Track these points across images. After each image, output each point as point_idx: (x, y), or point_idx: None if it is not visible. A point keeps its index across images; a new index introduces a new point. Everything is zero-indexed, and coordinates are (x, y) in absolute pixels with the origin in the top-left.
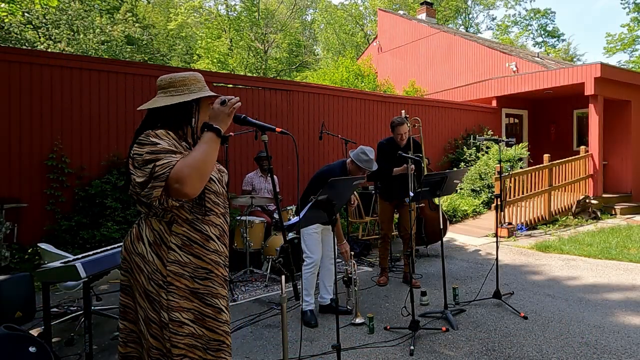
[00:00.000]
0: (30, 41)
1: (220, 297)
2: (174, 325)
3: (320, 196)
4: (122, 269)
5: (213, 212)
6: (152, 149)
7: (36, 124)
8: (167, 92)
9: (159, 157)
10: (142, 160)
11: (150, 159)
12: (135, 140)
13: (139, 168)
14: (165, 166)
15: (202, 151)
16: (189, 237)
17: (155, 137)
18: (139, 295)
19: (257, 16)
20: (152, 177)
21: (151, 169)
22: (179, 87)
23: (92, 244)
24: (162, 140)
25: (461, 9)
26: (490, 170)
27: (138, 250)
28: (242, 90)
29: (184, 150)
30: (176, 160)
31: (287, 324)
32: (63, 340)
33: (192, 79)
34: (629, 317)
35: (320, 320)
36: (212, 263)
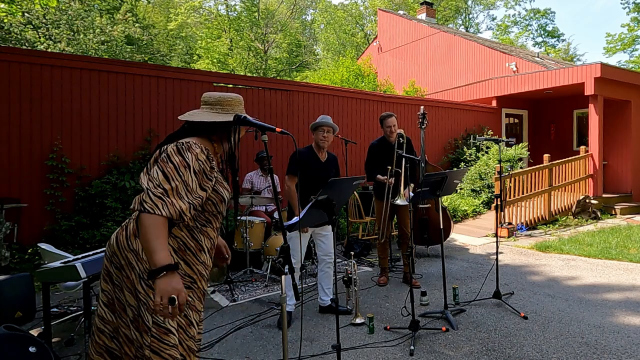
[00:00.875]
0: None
1: (195, 310)
2: (158, 331)
3: (320, 196)
4: (113, 265)
5: (211, 225)
6: (174, 174)
7: (36, 124)
8: (214, 108)
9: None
10: (163, 175)
11: (166, 187)
12: (173, 143)
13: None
14: (166, 205)
15: (147, 242)
16: (185, 243)
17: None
18: (129, 292)
19: (257, 16)
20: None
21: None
22: (225, 106)
23: (92, 244)
24: (191, 165)
25: (461, 9)
26: (490, 170)
27: (133, 246)
28: (242, 90)
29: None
30: (170, 208)
31: (287, 324)
32: (63, 340)
33: (238, 101)
34: (629, 317)
35: (320, 320)
36: (198, 274)
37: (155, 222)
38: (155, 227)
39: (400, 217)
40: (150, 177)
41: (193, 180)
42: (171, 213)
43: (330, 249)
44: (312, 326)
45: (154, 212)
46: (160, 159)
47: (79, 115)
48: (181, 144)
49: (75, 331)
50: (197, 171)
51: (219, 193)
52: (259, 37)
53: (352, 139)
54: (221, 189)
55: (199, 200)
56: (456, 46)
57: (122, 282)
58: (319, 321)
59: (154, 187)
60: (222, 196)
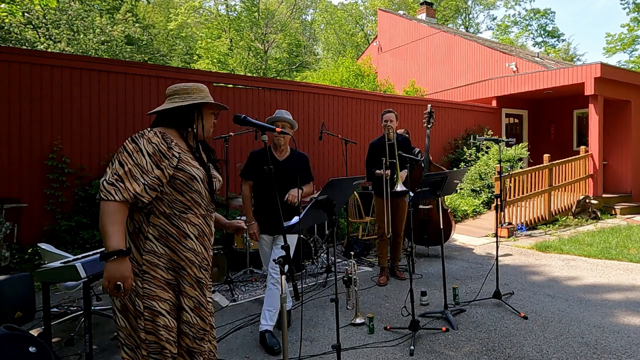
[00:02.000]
0: (30, 41)
1: (188, 297)
2: (149, 313)
3: (320, 196)
4: None
5: (192, 212)
6: (126, 159)
7: (36, 124)
8: (172, 98)
9: (123, 177)
10: (118, 163)
11: (120, 174)
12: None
13: (114, 167)
14: (119, 190)
15: (103, 226)
16: (165, 230)
17: (140, 143)
18: None
19: (257, 16)
20: (110, 183)
21: (116, 179)
22: (182, 95)
23: (92, 244)
24: (144, 149)
25: (461, 9)
26: (490, 170)
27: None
28: (242, 90)
29: (165, 156)
30: (123, 193)
31: (287, 324)
32: (63, 340)
33: (194, 88)
34: (629, 317)
35: (320, 320)
36: (186, 260)
37: (109, 208)
38: (109, 213)
39: (396, 215)
40: (109, 167)
41: (147, 162)
42: (125, 197)
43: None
44: (312, 326)
45: (108, 198)
46: (118, 150)
47: (79, 115)
48: (136, 134)
49: (75, 331)
50: (151, 153)
51: (185, 171)
52: (259, 37)
53: (352, 139)
54: (188, 167)
55: (155, 180)
56: (456, 46)
57: None
58: (319, 321)
59: (110, 175)
60: (190, 174)
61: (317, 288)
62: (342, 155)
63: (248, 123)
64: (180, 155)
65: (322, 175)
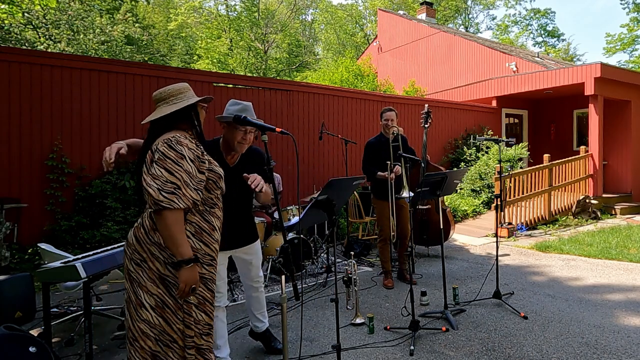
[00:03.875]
0: (30, 41)
1: (214, 282)
2: (188, 307)
3: (320, 196)
4: (133, 262)
5: (217, 206)
6: (176, 168)
7: (36, 124)
8: (169, 101)
9: (179, 185)
10: (166, 172)
11: (175, 182)
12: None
13: (161, 174)
14: (180, 198)
15: (172, 236)
16: (200, 226)
17: (181, 150)
18: (152, 283)
19: (257, 16)
20: (169, 193)
21: (174, 187)
22: (177, 96)
23: (92, 244)
24: (186, 155)
25: (461, 9)
26: (490, 170)
27: (155, 239)
28: (242, 90)
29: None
30: (184, 200)
31: (287, 324)
32: (63, 340)
33: (185, 87)
34: (629, 318)
35: (320, 320)
36: (215, 251)
37: (175, 216)
38: (176, 221)
39: (400, 217)
40: (155, 176)
41: (192, 168)
42: (186, 204)
43: (258, 273)
44: (312, 326)
45: (172, 206)
46: (157, 158)
47: (79, 115)
48: (169, 139)
49: (75, 331)
50: (192, 159)
51: (214, 171)
52: (259, 37)
53: (352, 139)
54: (216, 167)
55: (202, 184)
56: (456, 46)
57: (141, 276)
58: (319, 321)
59: (163, 184)
60: (218, 173)
61: (317, 288)
62: (342, 155)
63: (248, 123)
64: (208, 157)
65: (322, 175)
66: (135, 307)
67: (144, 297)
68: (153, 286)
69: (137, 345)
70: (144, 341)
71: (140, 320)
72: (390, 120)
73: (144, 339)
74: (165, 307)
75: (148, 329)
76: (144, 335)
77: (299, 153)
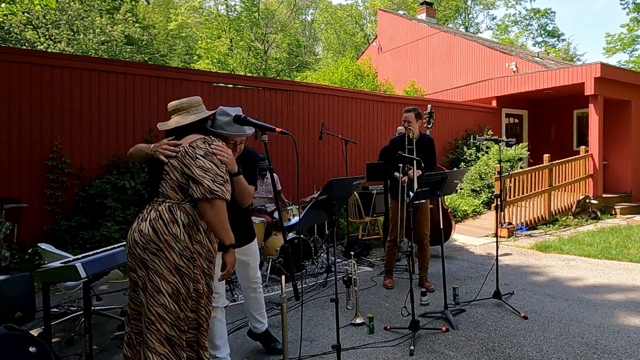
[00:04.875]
0: (30, 41)
1: (212, 279)
2: (197, 295)
3: (320, 196)
4: (148, 251)
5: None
6: (220, 165)
7: (36, 124)
8: (190, 111)
9: (225, 180)
10: (215, 166)
11: (223, 175)
12: (200, 140)
13: (212, 169)
14: (228, 190)
15: (223, 223)
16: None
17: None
18: (168, 271)
19: (257, 16)
20: (224, 187)
21: (222, 181)
22: (196, 107)
23: (92, 244)
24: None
25: (461, 9)
26: (490, 170)
27: (172, 231)
28: (242, 90)
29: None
30: (228, 193)
31: (287, 324)
32: (63, 340)
33: (199, 101)
34: (629, 317)
35: (320, 320)
36: (215, 251)
37: (223, 206)
38: (224, 209)
39: (418, 220)
40: (205, 169)
41: (223, 167)
42: (229, 197)
43: (256, 274)
44: (312, 326)
45: (225, 197)
46: (202, 154)
47: (79, 115)
48: (206, 139)
49: (75, 331)
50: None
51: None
52: (259, 37)
53: (352, 139)
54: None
55: (229, 183)
56: (456, 46)
57: (158, 265)
58: (319, 321)
59: (214, 176)
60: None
61: (317, 288)
62: (342, 155)
63: (248, 123)
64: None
65: (322, 175)
66: (152, 293)
67: (161, 284)
68: (170, 275)
69: (153, 328)
70: (160, 324)
71: (157, 304)
72: (406, 121)
73: (160, 322)
74: (179, 294)
75: (165, 313)
76: (160, 319)
77: (299, 153)
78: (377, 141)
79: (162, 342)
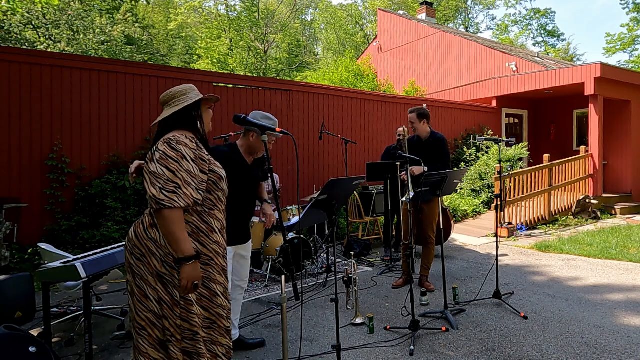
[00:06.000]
0: (30, 41)
1: (218, 283)
2: (185, 303)
3: (320, 196)
4: (134, 256)
5: (217, 208)
6: (177, 167)
7: (36, 124)
8: (171, 104)
9: (180, 184)
10: (168, 171)
11: (176, 181)
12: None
13: (163, 174)
14: (181, 197)
15: (173, 234)
16: (198, 226)
17: (181, 149)
18: (152, 278)
19: (257, 16)
20: (170, 191)
21: (175, 186)
22: (180, 97)
23: (92, 244)
24: (187, 155)
25: (461, 9)
26: (490, 170)
27: (151, 235)
28: (242, 90)
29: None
30: (185, 199)
31: (287, 323)
32: (63, 340)
33: (188, 89)
34: (629, 317)
35: (320, 320)
36: (213, 252)
37: (176, 215)
38: (177, 219)
39: (422, 220)
40: (156, 175)
41: (193, 167)
42: (187, 202)
43: (246, 274)
44: (312, 326)
45: (174, 205)
46: (157, 157)
47: (79, 115)
48: (169, 139)
49: (75, 331)
50: (193, 158)
51: (216, 172)
52: (259, 37)
53: (352, 139)
54: (217, 168)
55: (203, 184)
56: (456, 46)
57: (143, 270)
58: (319, 321)
59: (165, 183)
60: (219, 175)
61: (317, 288)
62: (342, 155)
63: (248, 123)
64: (209, 157)
65: (322, 175)
66: (140, 299)
67: (147, 290)
68: (154, 281)
69: (144, 333)
70: (152, 329)
71: (147, 310)
72: (411, 122)
73: (151, 328)
74: (162, 302)
75: (155, 319)
76: (151, 324)
77: (299, 153)
78: (377, 141)
79: (155, 347)
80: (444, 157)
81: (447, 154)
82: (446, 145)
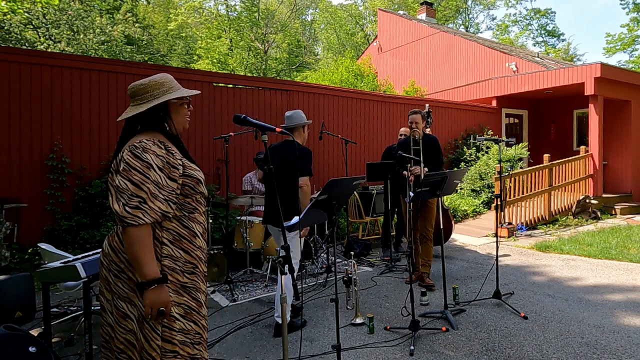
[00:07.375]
0: (30, 41)
1: (202, 292)
2: (168, 320)
3: (320, 196)
4: (111, 273)
5: (197, 211)
6: (142, 179)
7: (36, 124)
8: (134, 101)
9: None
10: (132, 184)
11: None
12: (127, 148)
13: (127, 188)
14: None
15: (135, 254)
16: (179, 232)
17: (147, 158)
18: (132, 292)
19: (257, 16)
20: (132, 206)
21: (139, 201)
22: (142, 95)
23: (92, 244)
24: (153, 164)
25: (461, 9)
26: (490, 170)
27: None
28: (242, 90)
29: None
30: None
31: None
32: (63, 340)
33: (152, 84)
34: (629, 317)
35: (320, 320)
36: (197, 259)
37: (141, 233)
38: (141, 238)
39: (422, 217)
40: (121, 189)
41: (161, 177)
42: (154, 217)
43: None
44: (312, 326)
45: (138, 223)
46: (122, 168)
47: (79, 115)
48: (134, 147)
49: (75, 331)
50: (161, 167)
51: (192, 177)
52: (259, 37)
53: (352, 139)
54: (192, 171)
55: (173, 193)
56: (456, 46)
57: (121, 288)
58: (319, 321)
59: (129, 198)
60: (196, 178)
61: (317, 288)
62: (342, 155)
63: (248, 123)
64: (182, 161)
65: (322, 175)
66: (118, 319)
67: (127, 309)
68: (135, 297)
69: (123, 356)
70: (132, 352)
71: (126, 331)
72: (413, 122)
73: (132, 350)
74: (144, 321)
75: (134, 340)
76: (131, 346)
77: None
78: (377, 141)
79: None
80: (441, 156)
81: (441, 154)
82: (440, 146)
